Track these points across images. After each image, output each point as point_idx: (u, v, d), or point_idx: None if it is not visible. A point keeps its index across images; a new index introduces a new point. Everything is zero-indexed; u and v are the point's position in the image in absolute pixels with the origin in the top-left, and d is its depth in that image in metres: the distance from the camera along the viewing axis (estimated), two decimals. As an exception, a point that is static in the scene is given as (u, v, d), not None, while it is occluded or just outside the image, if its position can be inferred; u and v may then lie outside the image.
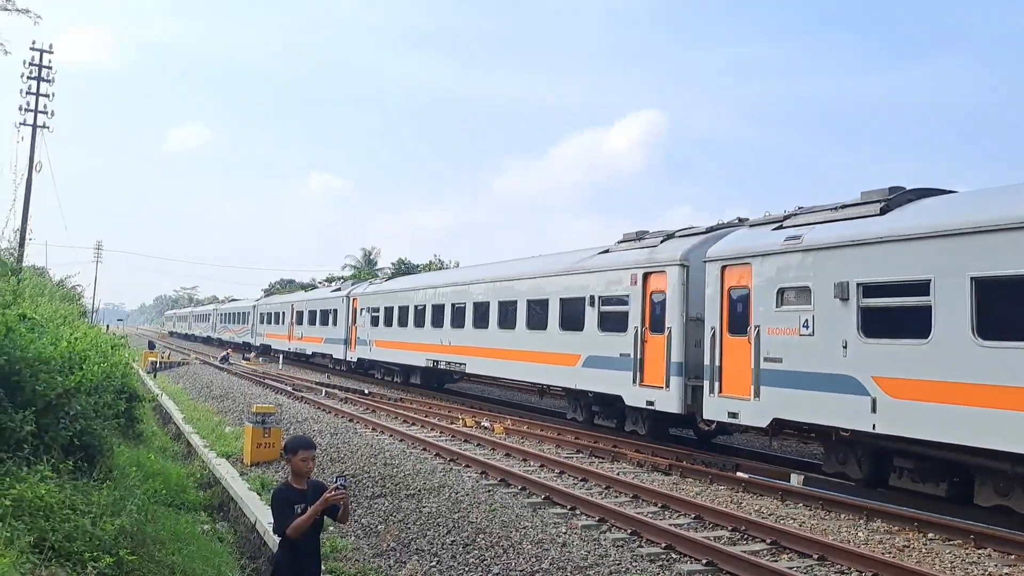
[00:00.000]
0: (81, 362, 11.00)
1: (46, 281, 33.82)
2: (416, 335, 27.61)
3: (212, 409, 23.36)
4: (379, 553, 9.61)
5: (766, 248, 12.84)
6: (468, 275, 25.35)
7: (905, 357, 10.43)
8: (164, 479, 12.67)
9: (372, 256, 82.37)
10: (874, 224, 11.19)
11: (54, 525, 6.73)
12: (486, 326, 22.28)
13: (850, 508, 10.77)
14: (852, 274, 11.20)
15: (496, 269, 23.60)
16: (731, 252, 13.63)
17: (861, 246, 11.18)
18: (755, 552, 8.78)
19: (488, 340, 22.16)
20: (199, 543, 9.76)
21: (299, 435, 5.92)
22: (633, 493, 11.71)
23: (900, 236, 10.68)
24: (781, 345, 12.25)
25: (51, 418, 9.05)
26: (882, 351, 10.76)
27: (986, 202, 10.22)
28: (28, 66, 36.97)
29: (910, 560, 8.62)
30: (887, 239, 10.84)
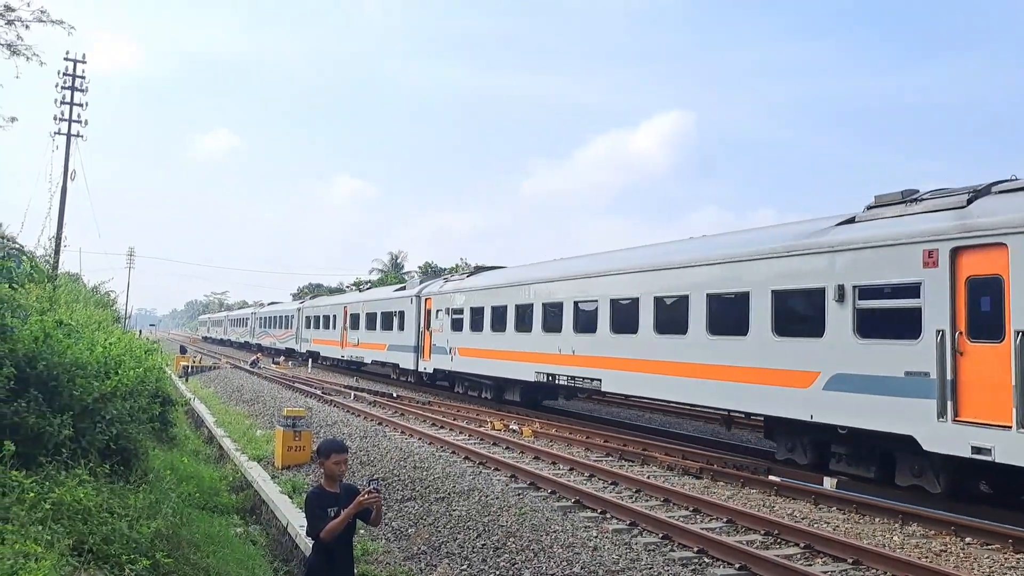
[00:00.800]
0: (116, 367, 11.19)
1: (81, 287, 34.41)
2: (519, 341, 22.15)
3: (243, 413, 23.61)
4: (410, 556, 9.65)
5: None
6: (600, 264, 19.60)
7: None
8: (197, 482, 12.85)
9: (399, 260, 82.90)
10: None
11: (92, 528, 6.85)
12: (634, 330, 17.12)
13: (885, 512, 10.62)
14: None
15: (648, 254, 18.04)
16: None
17: None
18: (789, 556, 8.69)
19: (638, 349, 16.97)
20: (233, 546, 9.88)
21: (331, 438, 5.97)
22: (664, 497, 11.64)
23: None
24: None
25: (88, 422, 9.22)
26: None
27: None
28: (62, 76, 37.67)
29: (947, 564, 8.48)
30: None
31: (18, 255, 13.31)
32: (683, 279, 15.84)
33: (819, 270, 12.67)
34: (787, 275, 13.30)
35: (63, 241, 32.55)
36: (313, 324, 47.34)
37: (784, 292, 13.35)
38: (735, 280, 14.44)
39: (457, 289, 27.31)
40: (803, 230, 13.66)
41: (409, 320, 30.81)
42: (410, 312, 30.82)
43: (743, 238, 15.41)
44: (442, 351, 27.49)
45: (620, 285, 17.98)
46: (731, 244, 15.34)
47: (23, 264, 21.60)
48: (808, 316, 12.90)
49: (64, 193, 35.42)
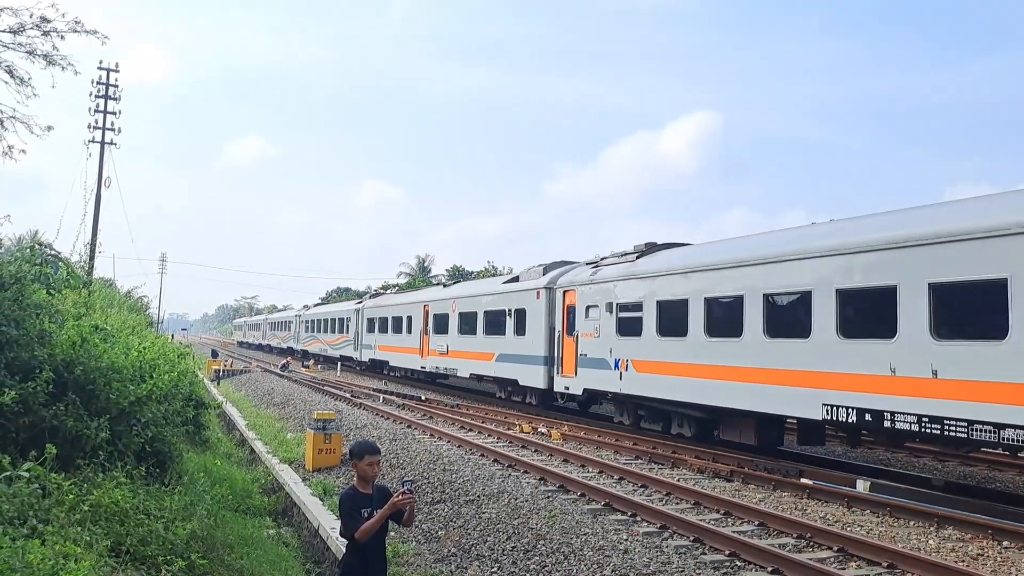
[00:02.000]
0: (151, 371, 11.37)
1: (115, 292, 35.03)
2: (785, 353, 13.61)
3: (274, 416, 23.86)
4: (440, 558, 9.70)
5: None
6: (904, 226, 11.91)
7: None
8: (230, 484, 13.01)
9: (426, 263, 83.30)
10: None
11: (129, 529, 6.96)
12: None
13: (920, 515, 10.47)
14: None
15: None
16: None
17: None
18: (822, 560, 8.60)
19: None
20: (265, 547, 9.99)
21: (364, 440, 6.05)
22: (694, 500, 11.57)
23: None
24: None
25: (124, 425, 9.39)
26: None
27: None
28: (96, 84, 38.34)
29: (984, 569, 8.34)
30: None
31: (55, 261, 13.59)
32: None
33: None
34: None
35: (97, 247, 33.21)
36: (379, 327, 38.89)
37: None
38: None
39: (627, 275, 18.52)
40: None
41: (534, 321, 22.74)
42: (535, 310, 22.77)
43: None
44: (599, 364, 19.28)
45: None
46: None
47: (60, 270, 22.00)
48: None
49: (98, 200, 36.05)
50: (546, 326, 22.21)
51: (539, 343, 22.47)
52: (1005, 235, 10.23)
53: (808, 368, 13.08)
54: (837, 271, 12.76)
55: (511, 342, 24.28)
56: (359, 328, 42.56)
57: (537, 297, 22.86)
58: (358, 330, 42.74)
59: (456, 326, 29.01)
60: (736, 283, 14.98)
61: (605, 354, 19.06)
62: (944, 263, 10.97)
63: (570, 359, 20.77)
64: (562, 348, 21.18)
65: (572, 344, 20.67)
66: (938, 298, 11.03)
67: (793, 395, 13.35)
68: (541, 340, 22.35)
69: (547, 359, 22.03)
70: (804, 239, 13.98)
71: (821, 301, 12.96)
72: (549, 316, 22.16)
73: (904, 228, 11.81)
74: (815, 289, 13.11)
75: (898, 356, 11.43)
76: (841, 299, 12.69)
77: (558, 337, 21.47)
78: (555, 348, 21.62)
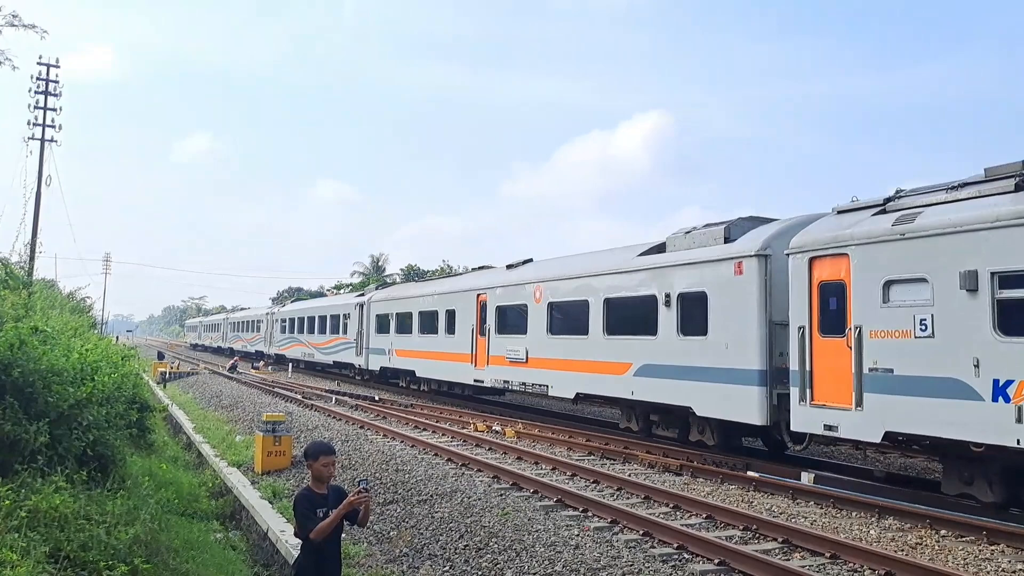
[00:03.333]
0: (93, 373, 11.12)
1: (56, 293, 34.12)
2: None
3: (222, 418, 23.46)
4: (392, 559, 9.65)
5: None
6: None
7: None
8: (176, 488, 12.77)
9: (381, 263, 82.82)
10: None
11: (69, 535, 6.81)
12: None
13: (862, 506, 10.76)
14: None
15: None
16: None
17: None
18: (767, 551, 8.77)
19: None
20: (212, 551, 9.84)
21: (320, 440, 6.03)
22: (645, 494, 11.72)
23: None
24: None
25: (64, 429, 9.16)
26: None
27: None
28: (35, 81, 37.29)
29: (923, 557, 8.60)
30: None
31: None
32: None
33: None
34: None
35: (38, 247, 32.27)
36: (396, 326, 29.94)
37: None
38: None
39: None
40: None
41: (734, 309, 13.94)
42: (735, 292, 13.96)
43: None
44: (941, 390, 10.22)
45: None
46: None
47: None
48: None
49: (39, 199, 35.10)
50: (761, 317, 13.22)
51: (747, 346, 13.44)
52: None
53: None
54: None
55: (671, 345, 15.19)
56: (363, 327, 33.29)
57: (738, 271, 13.78)
58: (361, 330, 33.47)
59: (544, 322, 19.74)
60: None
61: (959, 369, 9.94)
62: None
63: (834, 374, 11.73)
64: (810, 356, 12.15)
65: (838, 349, 11.71)
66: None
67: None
68: (752, 341, 13.35)
69: (765, 375, 13.15)
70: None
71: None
72: (764, 301, 13.29)
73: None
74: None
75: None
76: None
77: (807, 338, 12.17)
78: (798, 357, 12.27)
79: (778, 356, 13.14)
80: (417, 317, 27.96)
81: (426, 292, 28.23)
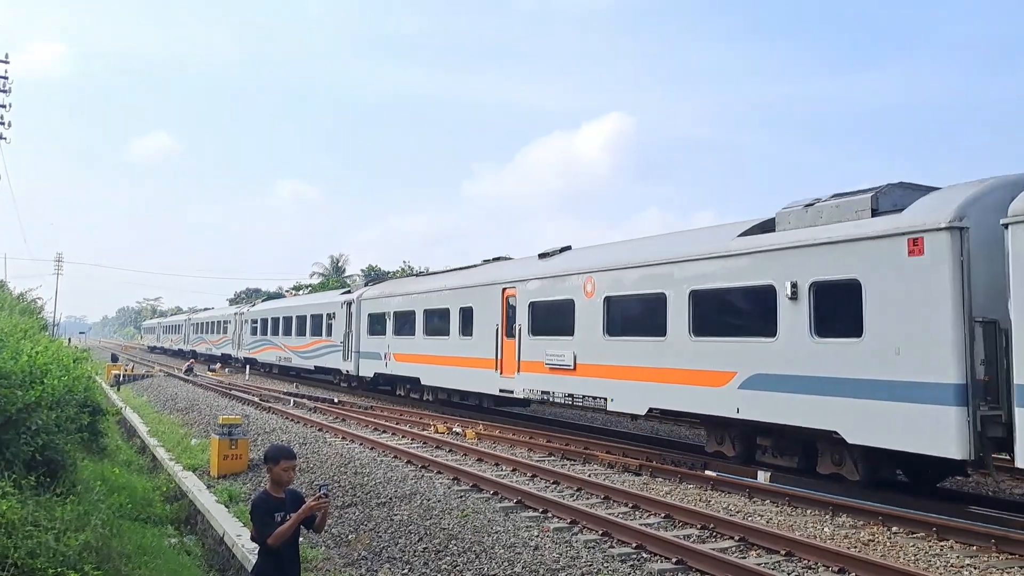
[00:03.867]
0: (42, 376, 10.85)
1: (5, 295, 33.22)
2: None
3: (177, 421, 23.05)
4: (350, 562, 9.56)
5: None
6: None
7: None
8: (129, 493, 12.53)
9: (340, 264, 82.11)
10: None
11: (16, 542, 6.62)
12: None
13: (816, 504, 10.94)
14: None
15: None
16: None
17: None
18: (724, 549, 8.87)
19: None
20: (166, 556, 9.66)
21: (280, 444, 5.94)
22: (604, 494, 11.78)
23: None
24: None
25: (12, 433, 8.93)
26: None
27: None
28: (-17, 76, 36.29)
29: (875, 553, 8.77)
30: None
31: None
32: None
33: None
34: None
35: (-15, 247, 31.34)
36: (394, 326, 26.20)
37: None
38: None
39: None
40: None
41: (902, 303, 10.49)
42: (922, 276, 10.29)
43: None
44: None
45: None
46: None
47: (-58, 271, 20.73)
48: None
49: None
50: (956, 313, 9.73)
51: (933, 352, 10.04)
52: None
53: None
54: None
55: (801, 349, 11.81)
56: (353, 328, 29.54)
57: (914, 251, 10.34)
58: (350, 330, 29.71)
59: (600, 320, 16.07)
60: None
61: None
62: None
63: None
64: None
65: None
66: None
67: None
68: (942, 344, 9.91)
69: (964, 391, 9.65)
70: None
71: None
72: (961, 290, 9.80)
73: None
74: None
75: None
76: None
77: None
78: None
79: (979, 365, 9.72)
80: (422, 316, 24.23)
81: (433, 287, 24.21)
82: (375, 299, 28.30)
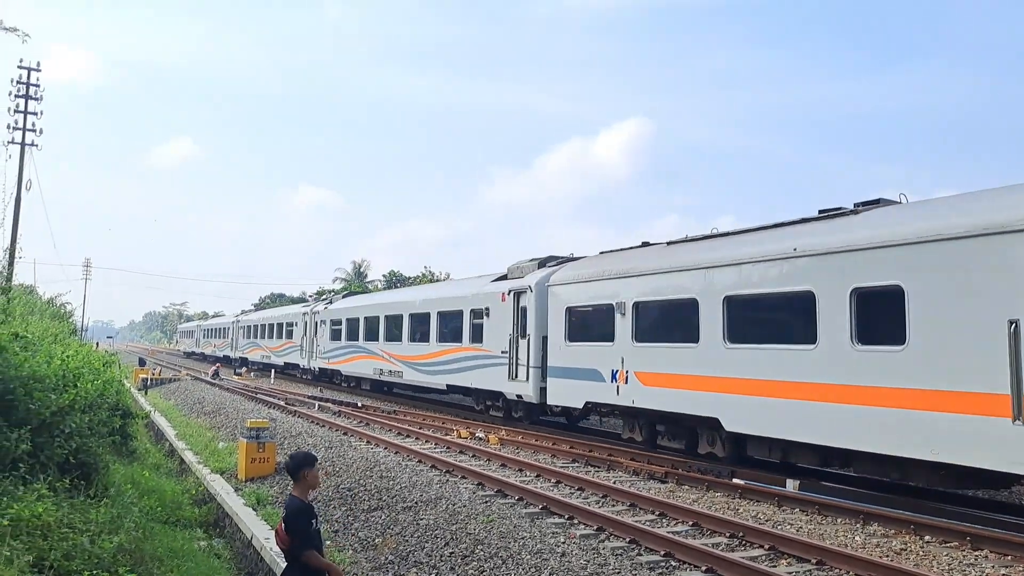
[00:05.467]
0: (75, 380, 11.00)
1: (36, 299, 33.72)
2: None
3: (205, 425, 23.26)
4: (377, 566, 9.59)
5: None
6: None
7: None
8: (159, 496, 12.66)
9: (362, 269, 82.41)
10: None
11: (52, 544, 6.71)
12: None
13: (846, 512, 10.82)
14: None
15: None
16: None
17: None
18: (754, 558, 8.80)
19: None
20: (196, 559, 9.74)
21: (303, 450, 6.01)
22: (630, 501, 11.72)
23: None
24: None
25: (46, 436, 9.05)
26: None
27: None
28: (15, 84, 36.91)
29: (908, 563, 8.65)
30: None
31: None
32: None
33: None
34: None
35: (17, 253, 31.87)
36: (576, 329, 17.78)
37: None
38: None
39: None
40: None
41: None
42: None
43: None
44: None
45: None
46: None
47: (-24, 276, 21.07)
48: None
49: (18, 203, 34.65)
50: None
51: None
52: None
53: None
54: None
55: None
56: (524, 325, 19.99)
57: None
58: (517, 334, 20.30)
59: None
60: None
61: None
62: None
63: None
64: None
65: None
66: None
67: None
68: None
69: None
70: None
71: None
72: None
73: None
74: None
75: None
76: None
77: None
78: None
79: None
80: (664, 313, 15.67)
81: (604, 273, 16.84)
82: (583, 283, 17.57)
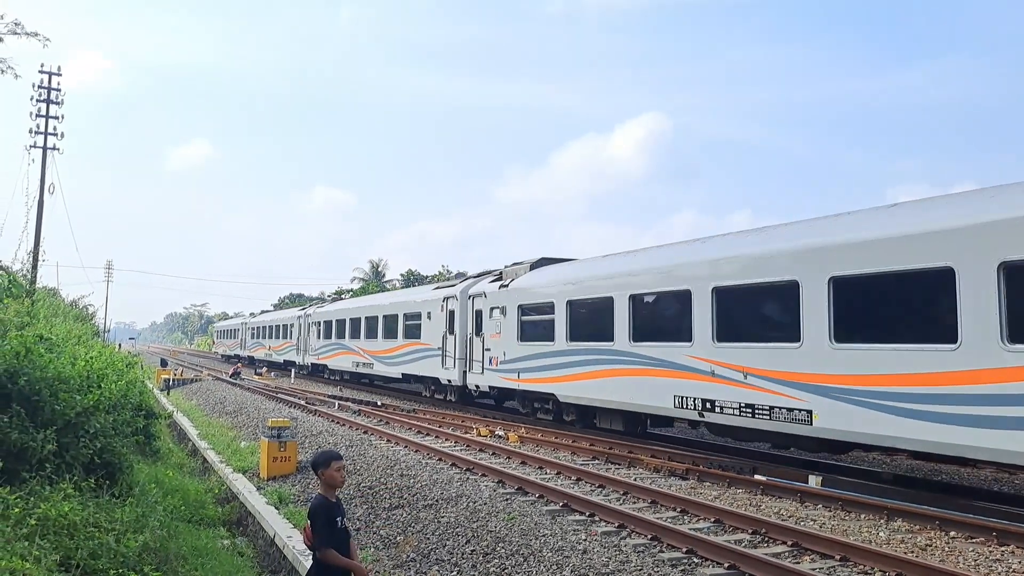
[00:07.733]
0: (99, 381, 11.12)
1: (59, 302, 34.12)
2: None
3: (226, 424, 23.45)
4: (399, 564, 9.63)
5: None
6: None
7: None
8: (183, 495, 12.77)
9: (380, 268, 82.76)
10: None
11: (79, 543, 6.79)
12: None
13: (870, 508, 10.73)
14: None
15: None
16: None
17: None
18: (777, 554, 8.75)
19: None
20: (220, 558, 9.82)
21: (327, 448, 6.05)
22: (651, 498, 11.69)
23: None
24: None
25: (71, 437, 9.15)
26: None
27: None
28: (37, 89, 37.33)
29: (933, 559, 8.57)
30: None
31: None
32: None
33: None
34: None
35: (41, 256, 32.23)
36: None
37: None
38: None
39: None
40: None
41: None
42: None
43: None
44: None
45: None
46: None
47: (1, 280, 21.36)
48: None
49: (41, 207, 35.04)
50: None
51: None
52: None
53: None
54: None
55: None
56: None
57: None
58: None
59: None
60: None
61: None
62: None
63: None
64: None
65: None
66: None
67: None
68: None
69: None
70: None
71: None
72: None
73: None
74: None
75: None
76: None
77: None
78: None
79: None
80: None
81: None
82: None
